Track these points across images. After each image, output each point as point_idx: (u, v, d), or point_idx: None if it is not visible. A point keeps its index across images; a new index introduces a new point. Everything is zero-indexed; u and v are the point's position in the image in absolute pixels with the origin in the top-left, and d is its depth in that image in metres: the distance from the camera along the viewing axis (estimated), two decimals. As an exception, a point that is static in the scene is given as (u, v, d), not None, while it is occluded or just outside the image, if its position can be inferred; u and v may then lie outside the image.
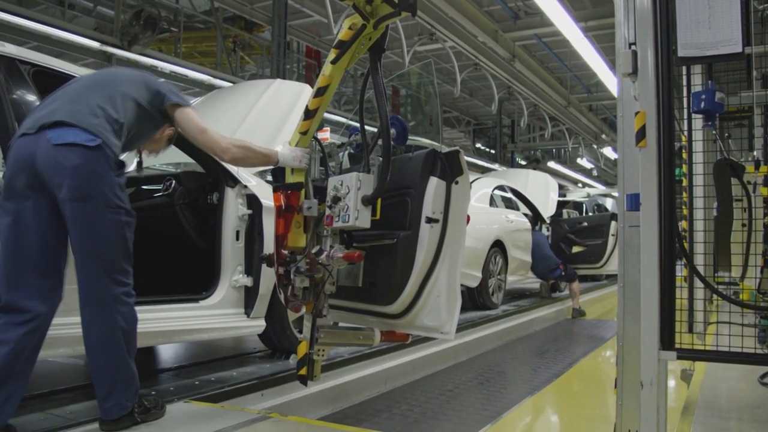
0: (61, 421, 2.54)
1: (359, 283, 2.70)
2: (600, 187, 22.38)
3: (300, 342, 2.70)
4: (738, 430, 2.66)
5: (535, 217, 8.45)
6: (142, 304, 2.92)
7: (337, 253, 2.48)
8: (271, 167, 2.76)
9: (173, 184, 3.51)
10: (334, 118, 10.78)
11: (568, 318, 8.01)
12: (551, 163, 21.69)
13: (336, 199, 2.48)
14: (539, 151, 22.26)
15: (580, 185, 23.59)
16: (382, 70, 2.54)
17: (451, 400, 3.99)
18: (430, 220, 2.51)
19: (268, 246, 3.25)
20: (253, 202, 3.46)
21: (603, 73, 11.04)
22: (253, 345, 4.40)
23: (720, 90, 2.26)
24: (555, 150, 22.84)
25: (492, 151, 20.89)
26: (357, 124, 2.74)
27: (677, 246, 2.18)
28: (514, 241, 7.31)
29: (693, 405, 2.91)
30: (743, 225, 3.58)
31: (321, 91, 2.54)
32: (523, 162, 21.85)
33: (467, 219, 2.68)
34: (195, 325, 3.22)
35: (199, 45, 12.29)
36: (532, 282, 8.53)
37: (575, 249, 9.06)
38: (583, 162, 21.44)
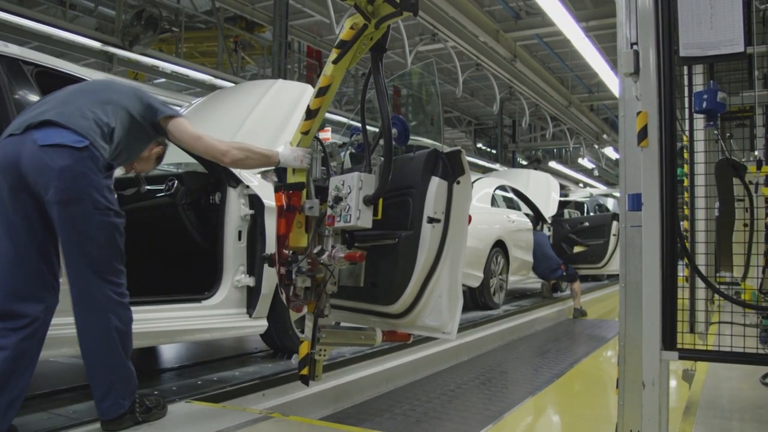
0: (64, 420, 2.55)
1: (361, 283, 2.70)
2: (601, 187, 22.37)
3: (302, 342, 2.70)
4: (740, 431, 2.67)
5: (537, 217, 8.45)
6: (144, 304, 2.94)
7: (339, 253, 2.48)
8: (272, 167, 2.76)
9: (176, 185, 3.51)
10: (335, 118, 10.78)
11: (569, 318, 8.01)
12: (552, 163, 21.68)
13: (337, 199, 2.47)
14: (540, 151, 22.25)
15: (581, 185, 23.58)
16: (383, 70, 2.54)
17: (453, 400, 3.99)
18: (431, 220, 2.51)
19: (271, 246, 3.25)
20: (255, 202, 3.47)
21: (604, 73, 11.03)
22: (255, 345, 4.40)
23: (722, 90, 2.26)
24: (556, 150, 22.84)
25: (493, 151, 20.88)
26: (358, 124, 2.74)
27: (679, 246, 2.18)
28: (515, 241, 7.31)
29: (695, 405, 2.91)
30: (745, 225, 3.57)
31: (322, 91, 2.53)
32: (524, 162, 21.83)
33: (469, 219, 2.68)
34: (197, 325, 3.22)
35: (200, 45, 12.29)
36: (534, 282, 8.53)
37: (576, 249, 9.06)
38: (584, 162, 21.42)
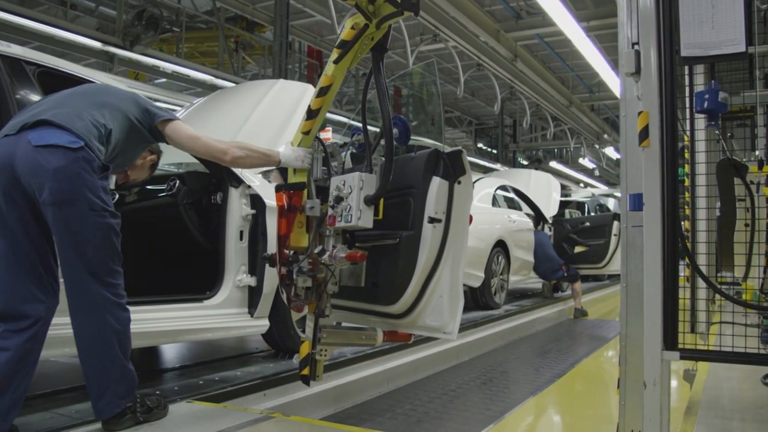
0: (66, 420, 2.55)
1: (362, 283, 2.69)
2: (602, 187, 22.36)
3: (303, 342, 2.70)
4: (741, 431, 2.67)
5: (538, 217, 8.45)
6: (146, 303, 2.94)
7: (340, 253, 2.47)
8: (274, 167, 2.76)
9: (177, 184, 3.51)
10: (336, 118, 10.78)
11: (570, 318, 8.00)
12: (553, 163, 21.66)
13: (338, 199, 2.47)
14: (541, 150, 22.24)
15: (582, 185, 23.57)
16: (384, 69, 2.53)
17: (454, 400, 3.99)
18: (432, 220, 2.50)
19: (272, 246, 3.26)
20: (256, 202, 3.47)
21: (605, 72, 11.02)
22: (256, 345, 4.40)
23: (723, 90, 2.26)
24: (557, 150, 22.83)
25: (494, 151, 20.88)
26: (359, 124, 2.74)
27: (680, 246, 2.18)
28: (516, 241, 7.32)
29: (696, 405, 2.92)
30: (746, 225, 3.57)
31: (323, 91, 2.53)
32: (524, 162, 21.83)
33: (470, 219, 2.67)
34: (199, 324, 3.23)
35: (201, 45, 12.28)
36: (535, 282, 8.53)
37: (577, 249, 9.06)
38: (585, 162, 21.40)
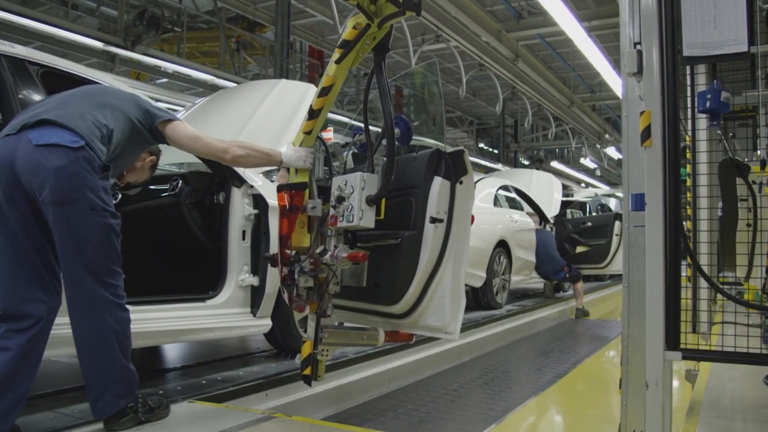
0: (70, 419, 2.55)
1: (363, 283, 2.69)
2: (603, 187, 22.36)
3: (304, 342, 2.70)
4: (743, 431, 2.66)
5: (540, 217, 8.45)
6: (148, 303, 2.95)
7: (342, 253, 2.47)
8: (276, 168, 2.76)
9: (180, 184, 3.51)
10: (337, 118, 10.79)
11: (571, 318, 8.00)
12: (554, 163, 21.66)
13: (340, 199, 2.47)
14: (542, 150, 22.23)
15: (583, 185, 23.56)
16: (386, 69, 2.53)
17: (456, 400, 3.99)
18: (434, 220, 2.50)
19: (275, 245, 3.26)
20: (259, 202, 3.47)
21: (606, 72, 11.02)
22: (257, 345, 4.41)
23: (725, 89, 2.26)
24: (558, 150, 22.82)
25: (495, 150, 20.88)
26: (361, 124, 2.74)
27: (682, 246, 2.18)
28: (518, 241, 7.31)
29: (698, 405, 2.91)
30: (748, 225, 3.56)
31: (325, 91, 2.53)
32: (526, 162, 21.82)
33: (472, 219, 2.67)
34: (201, 324, 3.23)
35: (202, 45, 12.28)
36: (536, 282, 8.52)
37: (579, 249, 9.06)
38: (587, 162, 21.40)
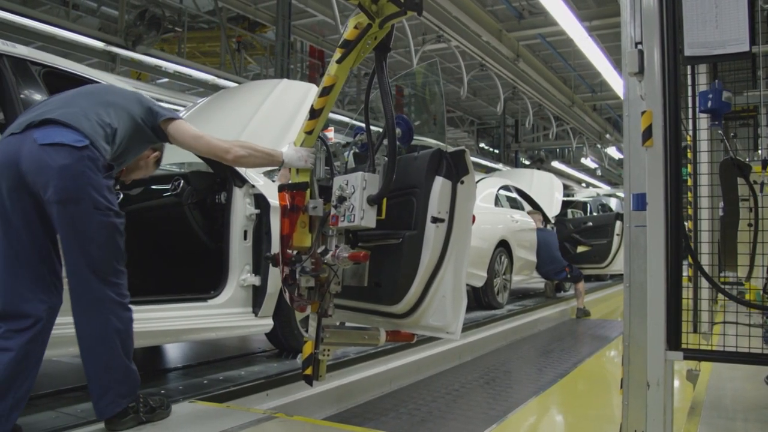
0: (73, 419, 2.56)
1: (365, 282, 2.69)
2: (605, 187, 22.35)
3: (306, 342, 2.70)
4: (744, 431, 2.66)
5: (543, 216, 8.43)
6: (150, 303, 2.95)
7: (343, 253, 2.47)
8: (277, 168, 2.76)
9: (181, 184, 3.51)
10: (337, 118, 10.79)
11: (572, 318, 7.99)
12: (555, 163, 21.66)
13: (341, 199, 2.47)
14: (543, 150, 22.22)
15: (584, 185, 23.55)
16: (387, 69, 2.53)
17: (457, 400, 3.99)
18: (435, 220, 2.50)
19: (276, 245, 3.26)
20: (260, 202, 3.47)
21: (607, 72, 11.02)
22: (258, 345, 4.41)
23: (726, 89, 2.26)
24: (559, 150, 22.82)
25: (496, 150, 20.87)
26: (362, 124, 2.74)
27: (684, 246, 2.17)
28: (519, 241, 7.31)
29: (699, 405, 2.91)
30: (749, 225, 3.56)
31: (326, 91, 2.53)
32: (526, 162, 21.82)
33: (473, 219, 2.67)
34: (203, 324, 3.23)
35: (202, 45, 12.29)
36: (537, 282, 8.52)
37: (580, 249, 9.05)
38: (587, 162, 21.39)
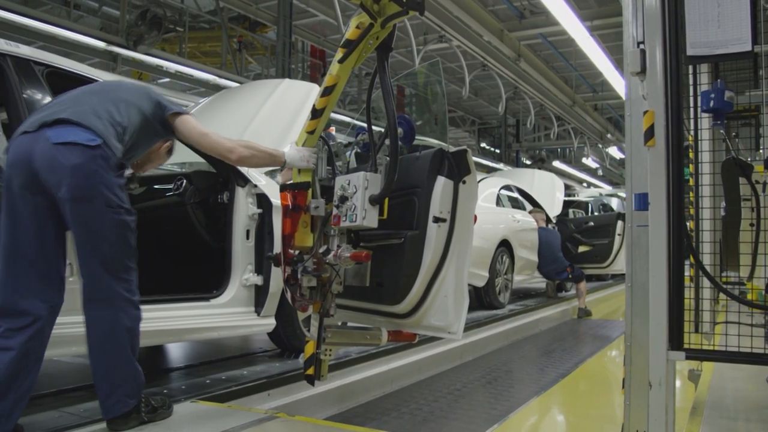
0: (76, 419, 2.56)
1: (366, 282, 2.69)
2: (606, 187, 22.35)
3: (308, 341, 2.70)
4: (746, 431, 2.66)
5: (546, 215, 8.43)
6: (153, 302, 2.95)
7: (345, 253, 2.47)
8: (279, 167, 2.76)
9: (184, 184, 3.52)
10: (338, 118, 10.79)
11: (574, 318, 7.99)
12: (556, 163, 21.65)
13: (343, 199, 2.47)
14: (544, 150, 22.22)
15: (585, 185, 23.55)
16: (389, 69, 2.53)
17: (459, 399, 3.99)
18: (437, 220, 2.50)
19: (278, 245, 3.26)
20: (263, 202, 3.48)
21: (608, 72, 11.02)
22: (260, 344, 4.41)
23: (728, 89, 2.26)
24: (560, 149, 22.81)
25: (497, 150, 20.87)
26: (363, 124, 2.74)
27: (686, 245, 2.17)
28: (520, 241, 7.31)
29: (701, 405, 2.91)
30: (751, 225, 3.56)
31: (328, 90, 2.53)
32: (527, 161, 21.81)
33: (474, 218, 2.67)
34: (206, 323, 3.23)
35: (203, 45, 12.30)
36: (539, 281, 8.51)
37: (581, 248, 9.05)
38: (589, 161, 21.38)
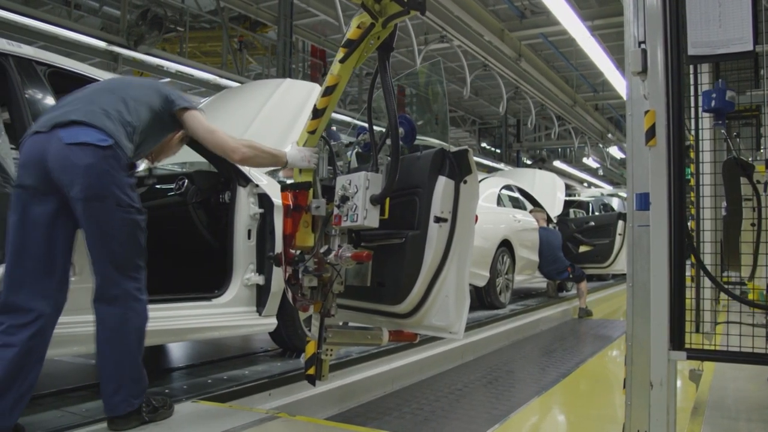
0: (78, 418, 2.56)
1: (367, 282, 2.69)
2: (607, 187, 22.34)
3: (309, 341, 2.70)
4: (747, 431, 2.66)
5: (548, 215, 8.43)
6: (155, 302, 2.94)
7: (346, 253, 2.46)
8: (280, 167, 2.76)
9: (186, 183, 3.52)
10: (339, 118, 10.79)
11: (574, 317, 7.98)
12: (557, 163, 21.65)
13: (344, 199, 2.47)
14: (545, 150, 22.22)
15: (586, 185, 23.54)
16: (390, 69, 2.53)
17: (460, 399, 3.99)
18: (438, 220, 2.49)
19: (280, 245, 3.26)
20: (264, 201, 3.48)
21: (609, 72, 11.02)
22: (262, 344, 4.41)
23: (730, 89, 2.26)
24: (561, 149, 22.80)
25: (497, 150, 20.86)
26: (364, 124, 2.73)
27: (687, 245, 2.17)
28: (521, 241, 7.31)
29: (703, 405, 2.91)
30: (752, 225, 3.55)
31: (329, 90, 2.52)
32: (528, 161, 21.81)
33: (475, 218, 2.67)
34: (207, 323, 3.24)
35: (203, 45, 12.31)
36: (539, 281, 8.51)
37: (582, 248, 9.04)
38: (589, 161, 21.38)
